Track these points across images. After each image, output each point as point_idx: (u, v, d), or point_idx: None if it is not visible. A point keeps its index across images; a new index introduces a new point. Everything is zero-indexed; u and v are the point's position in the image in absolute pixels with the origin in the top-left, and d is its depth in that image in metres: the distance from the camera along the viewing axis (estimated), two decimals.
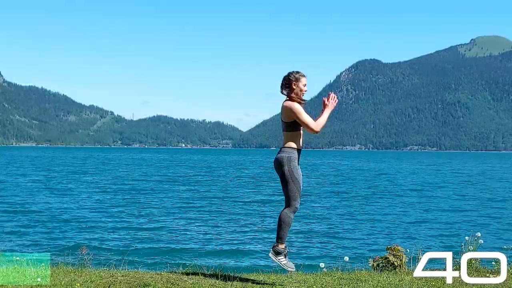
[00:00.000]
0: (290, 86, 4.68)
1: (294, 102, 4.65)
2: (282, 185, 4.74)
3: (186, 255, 12.10)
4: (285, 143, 4.77)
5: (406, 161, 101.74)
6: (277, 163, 4.75)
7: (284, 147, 4.76)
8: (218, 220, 17.93)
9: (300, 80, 4.67)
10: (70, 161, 77.72)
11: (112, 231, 15.38)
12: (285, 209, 4.74)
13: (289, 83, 4.67)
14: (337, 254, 12.02)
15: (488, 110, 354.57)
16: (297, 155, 4.74)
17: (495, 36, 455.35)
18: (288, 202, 4.72)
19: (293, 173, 4.67)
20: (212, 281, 4.84)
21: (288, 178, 4.67)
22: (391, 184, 36.69)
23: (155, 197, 25.67)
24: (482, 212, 21.26)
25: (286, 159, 4.68)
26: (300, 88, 4.66)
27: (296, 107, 4.61)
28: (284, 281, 5.10)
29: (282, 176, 4.70)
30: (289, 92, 4.69)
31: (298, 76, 4.67)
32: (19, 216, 18.07)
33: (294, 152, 4.73)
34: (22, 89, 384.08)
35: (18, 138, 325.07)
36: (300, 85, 4.66)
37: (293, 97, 4.68)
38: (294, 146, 4.74)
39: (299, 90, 4.67)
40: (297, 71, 4.73)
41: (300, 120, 4.63)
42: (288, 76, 4.69)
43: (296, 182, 4.69)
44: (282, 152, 4.75)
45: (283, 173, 4.68)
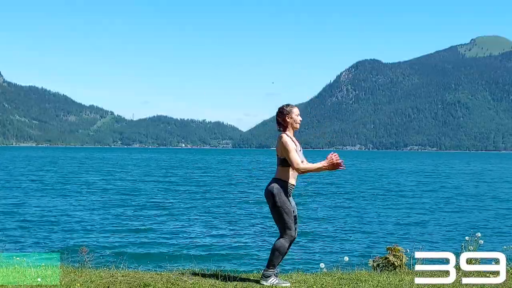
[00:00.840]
0: (284, 121, 4.78)
1: (288, 138, 4.70)
2: (274, 217, 4.75)
3: (186, 255, 12.09)
4: (276, 175, 4.76)
5: (407, 161, 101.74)
6: (267, 193, 4.75)
7: (276, 178, 4.74)
8: (218, 220, 17.92)
9: (292, 111, 4.80)
10: (70, 161, 77.71)
11: (112, 231, 15.38)
12: (280, 238, 4.74)
13: (283, 118, 4.78)
14: (337, 254, 12.03)
15: (488, 110, 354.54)
16: (288, 189, 4.73)
17: (495, 36, 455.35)
18: (283, 231, 4.72)
19: (285, 203, 4.68)
20: (212, 281, 4.84)
21: (279, 209, 4.67)
22: (391, 184, 36.68)
23: (156, 197, 25.67)
24: (482, 212, 21.26)
25: (276, 190, 4.68)
26: (294, 119, 4.79)
27: (288, 145, 4.67)
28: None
29: (273, 207, 4.71)
30: (284, 127, 4.80)
31: (289, 109, 4.80)
32: (19, 217, 18.07)
33: (287, 186, 4.72)
34: (22, 89, 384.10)
35: (18, 138, 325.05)
36: (294, 116, 4.79)
37: (288, 134, 4.76)
38: (287, 180, 4.73)
39: (294, 121, 4.80)
40: (287, 104, 4.86)
41: (288, 156, 4.64)
42: (281, 111, 4.81)
43: (289, 213, 4.68)
44: (272, 183, 4.75)
45: (274, 204, 4.69)
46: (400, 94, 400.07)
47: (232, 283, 4.84)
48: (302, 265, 10.81)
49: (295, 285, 4.93)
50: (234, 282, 4.87)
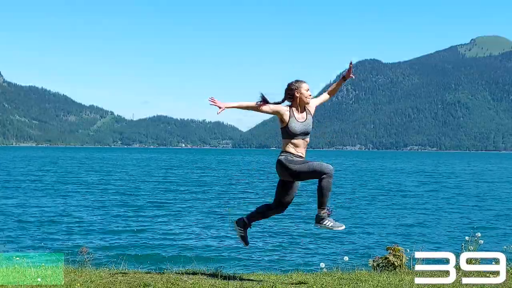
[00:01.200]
0: (293, 96, 4.73)
1: (283, 104, 4.74)
2: (301, 178, 4.69)
3: (187, 254, 12.09)
4: (283, 148, 4.76)
5: (407, 161, 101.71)
6: (279, 166, 4.71)
7: (282, 151, 4.75)
8: (219, 220, 17.92)
9: (302, 86, 4.73)
10: (70, 161, 77.70)
11: (113, 231, 15.38)
12: (324, 177, 4.58)
13: (292, 93, 4.73)
14: (337, 254, 12.03)
15: (488, 110, 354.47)
16: (295, 159, 4.67)
17: (495, 36, 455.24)
18: (319, 174, 4.58)
19: (298, 162, 4.62)
20: (212, 281, 4.82)
21: (301, 170, 4.60)
22: (391, 184, 36.67)
23: (156, 197, 25.67)
24: (482, 212, 21.25)
25: (286, 160, 4.65)
26: (303, 94, 4.73)
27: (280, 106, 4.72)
28: (284, 281, 5.07)
29: (292, 174, 4.65)
30: (292, 102, 4.75)
31: (298, 84, 4.74)
32: (19, 216, 18.06)
33: (291, 155, 4.68)
34: (22, 89, 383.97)
35: (18, 138, 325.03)
36: (303, 90, 4.72)
37: (296, 104, 4.74)
38: (290, 151, 4.70)
39: (303, 96, 4.73)
40: (296, 79, 4.80)
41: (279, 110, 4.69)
42: (289, 87, 4.76)
43: (309, 164, 4.61)
44: (280, 155, 4.74)
45: (292, 172, 4.63)
46: (400, 94, 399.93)
47: (232, 283, 4.82)
48: (302, 265, 10.82)
49: (295, 285, 4.92)
50: (234, 282, 4.85)
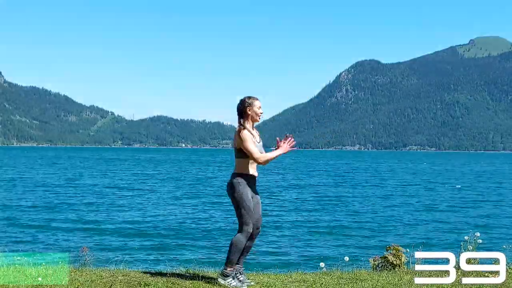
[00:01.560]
0: (245, 112, 4.65)
1: (244, 130, 4.60)
2: (234, 209, 4.71)
3: (187, 254, 12.13)
4: (236, 170, 4.68)
5: (407, 161, 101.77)
6: (228, 188, 4.72)
7: (235, 173, 4.68)
8: (218, 220, 17.95)
9: (254, 104, 4.65)
10: (73, 161, 77.73)
11: (113, 231, 15.41)
12: (238, 234, 4.68)
13: (244, 109, 4.65)
14: (337, 254, 12.06)
15: (487, 110, 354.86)
16: (249, 182, 4.66)
17: (494, 37, 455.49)
18: (240, 226, 4.66)
19: (243, 198, 4.60)
20: (212, 281, 4.82)
21: (237, 203, 4.62)
22: (391, 184, 36.71)
23: (157, 197, 25.69)
24: (482, 212, 21.29)
25: (236, 185, 4.62)
26: (255, 111, 4.65)
27: (245, 135, 4.56)
28: (284, 281, 5.09)
29: (232, 200, 4.67)
30: (244, 119, 4.66)
31: (251, 101, 4.66)
32: (19, 216, 18.08)
33: (246, 178, 4.65)
34: (23, 89, 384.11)
35: (19, 138, 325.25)
36: (255, 108, 4.65)
37: (246, 126, 4.63)
38: (245, 173, 4.65)
39: (255, 114, 4.65)
40: (249, 96, 4.71)
41: (245, 148, 4.54)
42: (241, 103, 4.68)
43: (247, 209, 4.60)
44: (233, 178, 4.68)
45: (234, 197, 4.64)
46: (400, 94, 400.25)
47: None
48: (302, 264, 10.85)
49: (295, 284, 4.91)
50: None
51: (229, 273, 4.69)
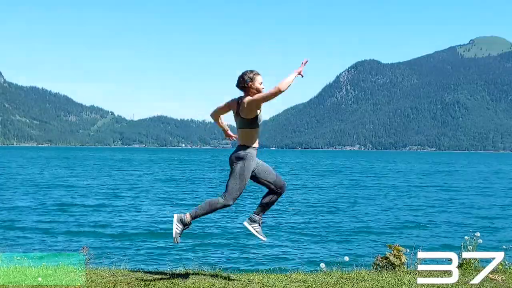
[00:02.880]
0: (246, 87, 4.51)
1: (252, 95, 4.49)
2: (229, 177, 4.61)
3: (187, 254, 12.13)
4: (243, 141, 4.58)
5: (407, 161, 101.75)
6: (235, 158, 4.58)
7: (242, 145, 4.58)
8: (219, 220, 17.94)
9: (256, 79, 4.50)
10: (72, 161, 77.71)
11: (113, 231, 15.40)
12: (219, 197, 4.61)
13: (245, 84, 4.50)
14: (337, 254, 12.06)
15: (487, 110, 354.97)
16: (255, 154, 4.63)
17: (494, 37, 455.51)
18: (226, 193, 4.59)
19: (244, 172, 4.54)
20: (212, 281, 4.81)
21: (237, 174, 4.53)
22: (391, 184, 36.69)
23: (157, 197, 25.68)
24: (482, 212, 21.28)
25: (248, 156, 4.54)
26: (257, 87, 4.50)
27: (255, 96, 4.45)
28: (284, 281, 5.07)
29: (232, 170, 4.57)
30: (245, 94, 4.54)
31: (252, 76, 4.50)
32: (19, 216, 18.08)
33: (254, 150, 4.60)
34: (23, 89, 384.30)
35: (19, 138, 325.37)
36: (256, 84, 4.50)
37: (250, 95, 4.52)
38: (253, 144, 4.59)
39: (256, 90, 4.50)
40: (251, 70, 4.56)
41: (263, 98, 4.40)
42: (242, 77, 4.52)
43: (242, 183, 4.55)
44: (242, 149, 4.57)
45: (236, 168, 4.54)
46: (399, 94, 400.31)
47: (232, 283, 4.81)
48: (302, 264, 10.85)
49: (295, 284, 4.90)
50: (234, 282, 4.83)
51: (186, 222, 4.62)
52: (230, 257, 12.14)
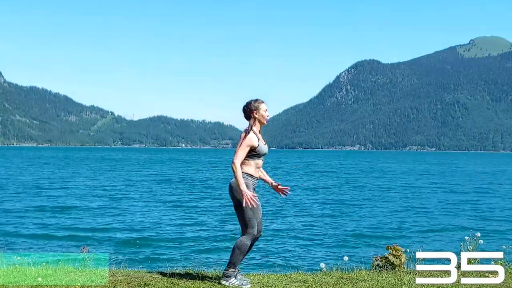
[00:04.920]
0: (252, 116, 4.69)
1: (249, 135, 4.62)
2: (237, 212, 4.65)
3: (187, 254, 12.12)
4: (243, 169, 4.63)
5: (406, 161, 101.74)
6: (231, 189, 4.66)
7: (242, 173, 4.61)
8: (218, 219, 17.94)
9: (260, 107, 4.69)
10: (72, 161, 77.69)
11: (113, 231, 15.39)
12: (242, 237, 4.63)
13: (251, 113, 4.69)
14: (337, 254, 12.05)
15: (487, 110, 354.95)
16: (252, 182, 4.65)
17: (494, 37, 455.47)
18: (245, 229, 4.61)
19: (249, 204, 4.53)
20: (212, 281, 4.82)
21: (242, 205, 4.55)
22: (391, 184, 36.69)
23: (157, 196, 25.68)
24: (482, 212, 21.27)
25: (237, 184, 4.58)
26: (262, 114, 4.69)
27: (245, 140, 4.59)
28: (284, 281, 5.09)
29: (237, 202, 4.61)
30: (251, 122, 4.69)
31: (257, 105, 4.69)
32: (19, 216, 18.07)
33: (250, 178, 4.63)
34: (23, 89, 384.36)
35: (19, 138, 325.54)
36: (261, 112, 4.69)
37: (253, 129, 4.66)
38: (250, 173, 4.63)
39: (261, 117, 4.69)
40: (255, 99, 4.74)
41: (237, 147, 4.60)
42: (248, 107, 4.71)
43: (253, 210, 4.57)
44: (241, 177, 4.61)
45: (237, 199, 4.59)
46: (400, 94, 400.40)
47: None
48: (302, 265, 10.84)
49: (295, 284, 4.89)
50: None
51: (230, 274, 4.70)
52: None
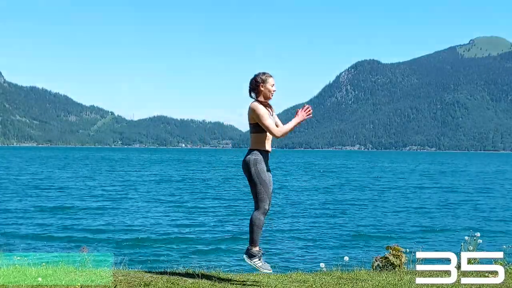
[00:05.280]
0: (257, 89, 4.60)
1: (259, 105, 4.56)
2: (250, 187, 4.67)
3: (187, 254, 12.12)
4: (252, 145, 4.65)
5: (407, 161, 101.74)
6: (244, 165, 4.67)
7: (251, 149, 4.65)
8: (218, 220, 17.94)
9: (268, 81, 4.60)
10: (70, 161, 77.67)
11: (113, 231, 15.40)
12: (254, 212, 4.66)
13: (257, 86, 4.60)
14: (337, 254, 12.05)
15: (487, 110, 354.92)
16: (264, 157, 4.65)
17: (494, 37, 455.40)
18: (256, 204, 4.65)
19: (260, 174, 4.59)
20: (212, 281, 4.82)
21: (255, 180, 4.58)
22: (391, 184, 36.69)
23: (157, 196, 25.67)
24: (482, 212, 21.28)
25: (253, 161, 4.59)
26: (269, 89, 4.60)
27: (260, 110, 4.53)
28: (284, 281, 5.09)
29: (249, 178, 4.63)
30: (257, 95, 4.62)
31: (265, 78, 4.60)
32: (18, 216, 18.08)
33: (262, 153, 4.64)
34: (23, 89, 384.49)
35: (19, 138, 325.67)
36: (268, 86, 4.60)
37: (261, 100, 4.61)
38: (261, 148, 4.63)
39: (268, 91, 4.61)
40: (263, 72, 4.65)
41: (262, 123, 4.53)
42: (255, 79, 4.61)
43: (264, 184, 4.59)
44: (249, 154, 4.65)
45: (250, 175, 4.60)
46: (399, 94, 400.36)
47: (232, 283, 4.81)
48: (302, 265, 10.85)
49: (295, 284, 4.90)
50: (234, 282, 4.83)
51: (255, 253, 4.69)
52: (230, 257, 12.14)
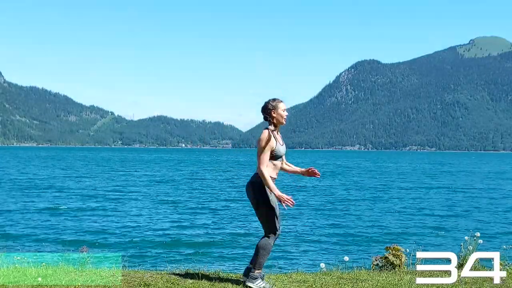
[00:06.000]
0: (270, 115, 4.64)
1: (266, 137, 4.54)
2: (257, 213, 4.62)
3: (187, 254, 12.12)
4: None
5: (406, 161, 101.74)
6: (250, 188, 4.61)
7: (257, 173, 4.58)
8: (218, 220, 17.94)
9: (278, 106, 4.65)
10: (71, 161, 77.66)
11: (113, 231, 15.40)
12: (265, 238, 4.63)
13: (269, 113, 4.64)
14: (337, 254, 12.05)
15: (487, 110, 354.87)
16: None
17: (494, 37, 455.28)
18: (267, 229, 4.64)
19: (269, 199, 4.56)
20: (212, 281, 4.83)
21: (265, 206, 4.56)
22: (391, 184, 36.69)
23: (157, 196, 25.68)
24: (482, 212, 21.28)
25: (258, 185, 4.55)
26: (281, 114, 4.64)
27: (263, 143, 4.53)
28: (284, 281, 5.11)
29: (256, 203, 4.58)
30: (270, 121, 4.65)
31: (275, 104, 4.65)
32: (18, 216, 18.08)
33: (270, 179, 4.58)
34: (23, 89, 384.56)
35: (19, 138, 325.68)
36: (280, 111, 4.64)
37: (271, 129, 4.61)
38: (272, 175, 4.60)
39: (280, 117, 4.65)
40: (274, 98, 4.71)
41: (259, 152, 4.54)
42: (266, 106, 4.66)
43: (273, 208, 4.59)
44: (254, 177, 4.60)
45: (258, 200, 4.56)
46: (399, 94, 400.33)
47: (232, 283, 4.83)
48: (302, 265, 10.85)
49: (295, 284, 4.91)
50: (234, 282, 4.85)
51: (257, 276, 4.67)
52: (230, 258, 12.14)
